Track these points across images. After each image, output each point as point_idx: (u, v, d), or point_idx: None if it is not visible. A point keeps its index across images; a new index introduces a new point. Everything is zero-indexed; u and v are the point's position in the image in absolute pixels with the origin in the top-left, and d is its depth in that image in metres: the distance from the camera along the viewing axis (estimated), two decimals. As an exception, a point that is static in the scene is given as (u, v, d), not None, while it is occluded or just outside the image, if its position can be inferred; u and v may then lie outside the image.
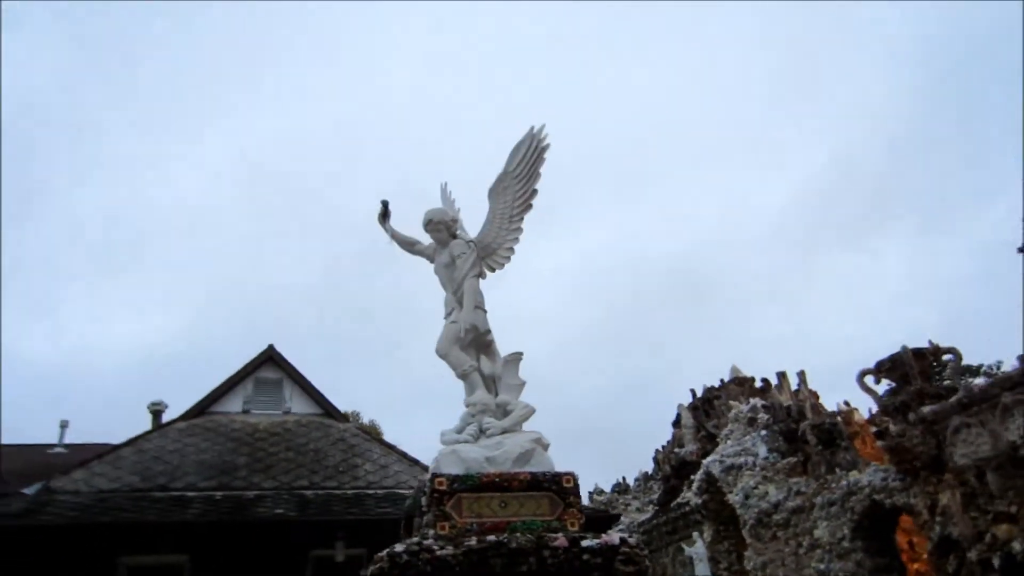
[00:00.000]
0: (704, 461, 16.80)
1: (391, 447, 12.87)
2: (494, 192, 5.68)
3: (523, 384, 5.23)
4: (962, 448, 10.09)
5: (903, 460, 10.73)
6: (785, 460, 13.75)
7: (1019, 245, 23.99)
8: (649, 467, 26.03)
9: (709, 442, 19.50)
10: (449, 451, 4.70)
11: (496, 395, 5.13)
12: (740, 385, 20.86)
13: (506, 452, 4.63)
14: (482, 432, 4.83)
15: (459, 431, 4.99)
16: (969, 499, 9.70)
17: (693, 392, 22.57)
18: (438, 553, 4.01)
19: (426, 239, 5.99)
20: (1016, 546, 9.03)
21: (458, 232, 5.82)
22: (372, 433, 13.26)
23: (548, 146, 5.48)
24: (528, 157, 5.51)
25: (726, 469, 15.18)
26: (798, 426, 13.90)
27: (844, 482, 11.87)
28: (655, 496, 21.62)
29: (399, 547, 4.10)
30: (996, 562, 9.15)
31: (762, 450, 14.38)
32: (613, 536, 4.33)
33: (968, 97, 70.95)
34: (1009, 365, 26.51)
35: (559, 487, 4.53)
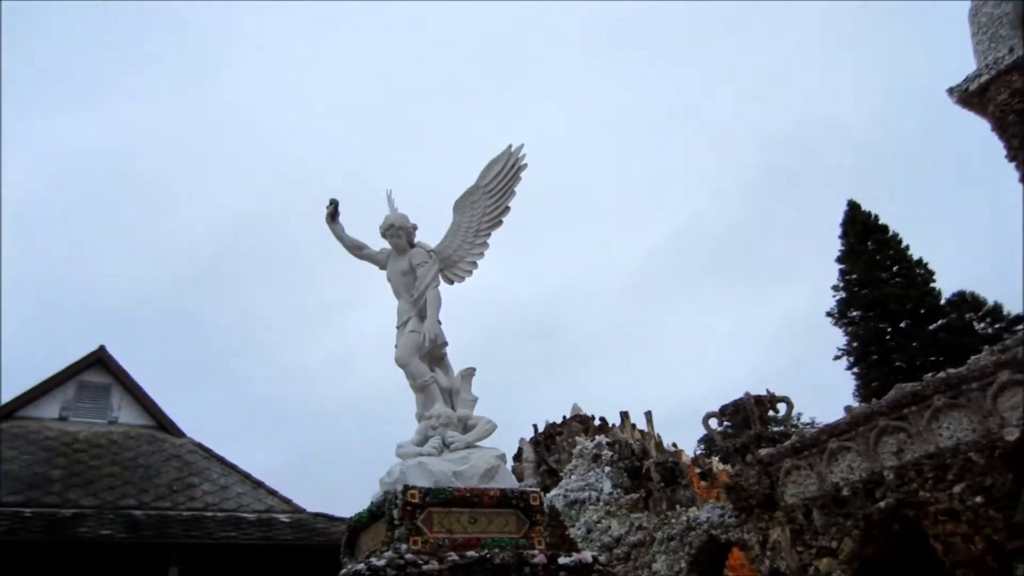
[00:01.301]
0: (548, 495, 17.16)
1: (233, 467, 11.94)
2: (461, 204, 5.64)
3: (476, 400, 5.13)
4: (792, 488, 11.03)
5: (740, 498, 11.52)
6: (628, 496, 14.31)
7: (827, 310, 26.99)
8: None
9: (550, 477, 19.94)
10: (415, 463, 4.49)
11: (453, 409, 4.98)
12: (582, 423, 21.61)
13: (473, 467, 4.51)
14: (446, 446, 4.66)
15: (419, 443, 4.79)
16: (797, 535, 10.57)
17: (535, 427, 23.03)
18: (424, 568, 3.84)
19: (375, 244, 5.80)
20: (835, 578, 9.94)
21: (416, 240, 5.67)
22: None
23: (525, 166, 5.49)
24: (504, 174, 5.52)
25: (570, 503, 15.54)
26: (642, 463, 14.55)
27: (684, 518, 12.53)
28: (492, 529, 21.64)
29: (379, 561, 3.83)
30: (817, 593, 10.01)
31: (606, 485, 14.88)
32: (586, 555, 4.33)
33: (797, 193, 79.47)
34: (808, 417, 29.52)
35: (526, 504, 4.47)
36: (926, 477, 9.30)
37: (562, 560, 4.06)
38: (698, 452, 26.70)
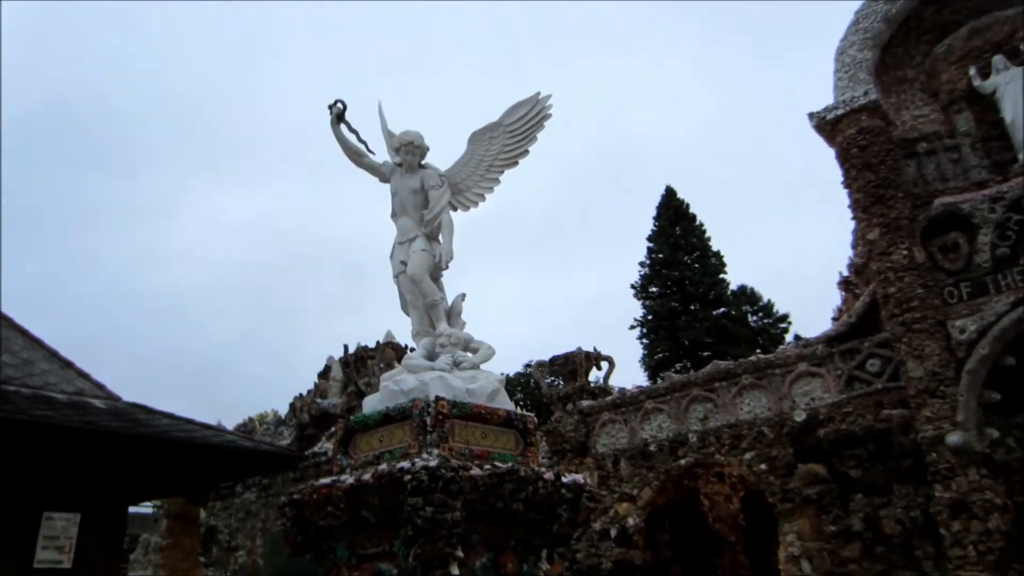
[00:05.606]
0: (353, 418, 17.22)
1: (38, 341, 10.65)
2: (478, 137, 5.72)
3: (465, 323, 5.22)
4: (605, 439, 12.17)
5: (556, 442, 12.49)
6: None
7: (632, 283, 29.28)
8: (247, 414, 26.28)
9: (357, 398, 20.00)
10: (436, 376, 4.55)
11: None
12: (395, 350, 21.79)
13: (482, 387, 4.67)
14: (455, 364, 4.72)
15: (430, 358, 4.80)
16: (603, 480, 11.73)
17: (346, 347, 22.85)
18: (472, 472, 3.92)
19: (378, 156, 5.61)
20: (630, 521, 11.23)
21: (425, 162, 5.57)
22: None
23: (550, 116, 5.67)
24: (527, 118, 5.64)
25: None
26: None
27: (499, 453, 13.32)
28: (286, 441, 21.35)
29: (433, 462, 3.83)
30: (613, 532, 11.25)
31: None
32: (578, 477, 4.66)
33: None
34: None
35: (524, 427, 4.72)
36: (723, 443, 10.75)
37: (564, 479, 4.47)
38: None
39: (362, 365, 21.84)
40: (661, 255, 28.14)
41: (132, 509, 13.16)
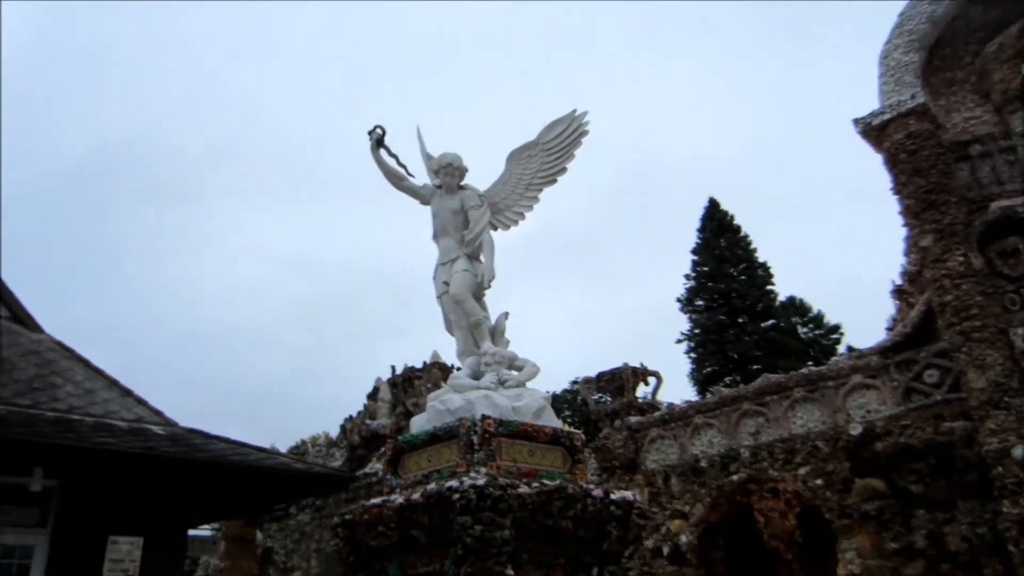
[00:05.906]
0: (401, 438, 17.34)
1: (98, 371, 11.07)
2: (516, 156, 5.79)
3: (509, 342, 5.29)
4: (655, 455, 12.03)
5: (605, 458, 12.39)
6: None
7: (678, 296, 28.98)
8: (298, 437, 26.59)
9: (405, 419, 20.18)
10: (482, 395, 4.64)
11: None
12: (442, 370, 21.95)
13: (527, 405, 4.73)
14: (501, 383, 4.80)
15: (475, 377, 4.89)
16: (654, 497, 11.58)
17: (393, 368, 23.08)
18: (520, 491, 3.99)
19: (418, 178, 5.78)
20: (683, 538, 11.05)
21: (464, 183, 5.69)
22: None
23: (587, 132, 5.71)
24: (565, 136, 5.69)
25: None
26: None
27: (548, 471, 13.27)
28: (337, 463, 21.62)
29: (481, 481, 3.92)
30: (665, 550, 11.08)
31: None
32: (627, 494, 4.70)
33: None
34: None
35: (571, 444, 4.76)
36: (776, 458, 10.53)
37: (613, 496, 4.50)
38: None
39: (409, 386, 22.02)
40: (706, 268, 27.81)
41: (192, 532, 13.49)
